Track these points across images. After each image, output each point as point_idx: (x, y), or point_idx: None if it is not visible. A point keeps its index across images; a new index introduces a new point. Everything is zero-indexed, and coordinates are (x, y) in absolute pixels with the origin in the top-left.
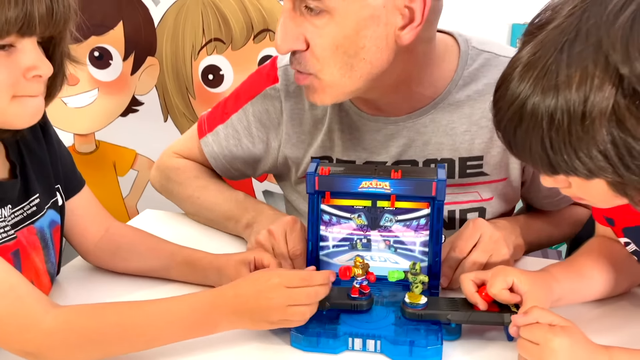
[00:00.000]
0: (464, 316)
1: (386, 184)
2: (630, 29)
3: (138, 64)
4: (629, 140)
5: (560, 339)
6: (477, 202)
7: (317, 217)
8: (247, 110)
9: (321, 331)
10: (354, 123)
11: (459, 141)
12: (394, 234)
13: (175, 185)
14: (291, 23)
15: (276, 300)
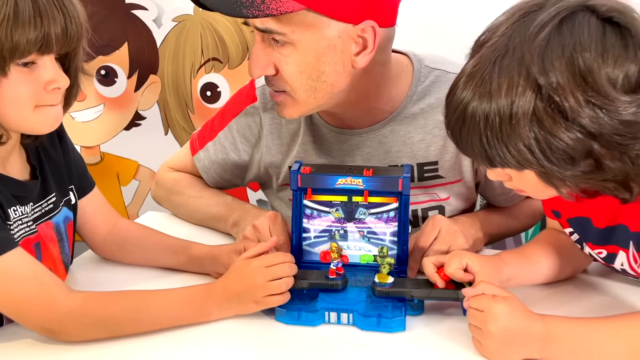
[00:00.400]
0: (425, 293)
1: (359, 181)
2: (545, 47)
3: (141, 81)
4: (547, 137)
5: (501, 306)
6: (435, 201)
7: (300, 211)
8: (232, 127)
9: (302, 307)
10: (323, 135)
11: (416, 149)
12: (367, 225)
13: (172, 194)
14: (261, 53)
15: (258, 278)
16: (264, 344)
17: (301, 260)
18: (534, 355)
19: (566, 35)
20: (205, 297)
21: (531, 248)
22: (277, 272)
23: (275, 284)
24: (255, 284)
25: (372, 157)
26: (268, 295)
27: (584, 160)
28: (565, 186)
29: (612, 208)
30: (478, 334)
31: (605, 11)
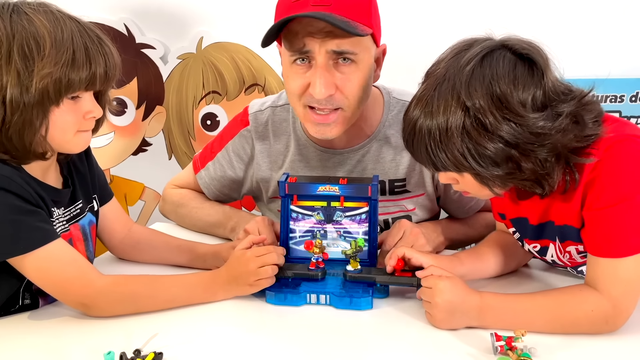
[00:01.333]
0: (386, 278)
1: (336, 188)
2: (470, 77)
3: (148, 111)
4: (475, 146)
5: (444, 282)
6: (403, 212)
7: (288, 215)
8: (228, 148)
9: (288, 291)
10: (310, 154)
11: (387, 167)
12: (343, 226)
13: (178, 207)
14: (327, 74)
15: (250, 265)
16: (257, 321)
17: (288, 256)
18: (473, 323)
19: (486, 67)
20: (212, 280)
21: (482, 248)
22: (266, 259)
23: (263, 269)
24: (249, 270)
25: (351, 173)
26: (258, 279)
27: (506, 164)
28: (496, 185)
29: (542, 207)
30: (428, 307)
31: (518, 48)
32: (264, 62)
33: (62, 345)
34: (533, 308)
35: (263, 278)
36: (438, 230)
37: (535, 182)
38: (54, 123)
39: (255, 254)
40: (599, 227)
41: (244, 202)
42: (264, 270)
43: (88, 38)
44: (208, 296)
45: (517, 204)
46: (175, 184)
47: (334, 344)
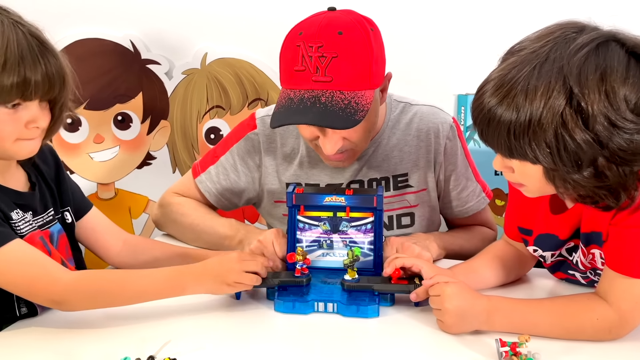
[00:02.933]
0: (383, 286)
1: (342, 199)
2: (583, 62)
3: (153, 126)
4: (567, 138)
5: (451, 288)
6: (407, 208)
7: (295, 225)
8: (233, 151)
9: (296, 299)
10: (317, 156)
11: (392, 164)
12: (349, 236)
13: (178, 216)
14: (335, 135)
15: (234, 266)
16: (267, 329)
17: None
18: (482, 327)
19: (601, 56)
20: (182, 273)
21: (477, 261)
22: (251, 266)
23: (247, 275)
24: (230, 269)
25: (357, 173)
26: (238, 282)
27: (588, 167)
28: (564, 187)
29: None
30: (438, 314)
31: (631, 45)
32: (267, 77)
33: (74, 353)
34: (540, 311)
35: (243, 283)
36: (430, 238)
37: (613, 192)
38: None
39: (242, 257)
40: (623, 244)
41: (246, 215)
42: (248, 277)
43: (26, 43)
44: (177, 289)
45: (548, 219)
46: (176, 191)
47: (342, 351)
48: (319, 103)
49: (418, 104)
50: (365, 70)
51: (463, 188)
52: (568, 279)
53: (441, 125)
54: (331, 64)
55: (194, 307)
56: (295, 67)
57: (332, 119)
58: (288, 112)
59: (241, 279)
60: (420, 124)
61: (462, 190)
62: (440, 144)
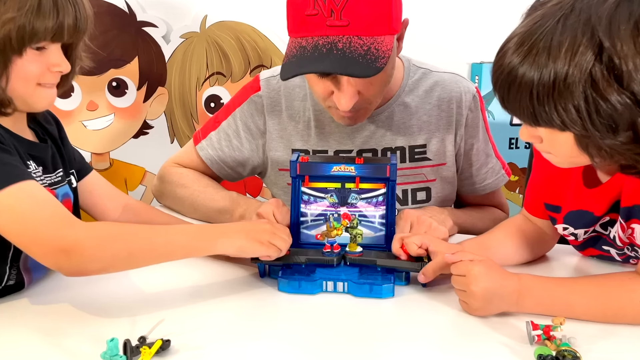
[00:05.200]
0: (388, 262)
1: (352, 168)
2: (614, 10)
3: (150, 93)
4: (598, 99)
5: (479, 268)
6: (423, 182)
7: (299, 197)
8: (236, 116)
9: (302, 277)
10: (325, 120)
11: (408, 133)
12: (358, 209)
13: (178, 188)
14: (351, 87)
15: (267, 227)
16: (270, 309)
17: (299, 241)
18: (511, 309)
19: (635, 3)
20: (213, 228)
21: (492, 237)
22: (283, 233)
23: (279, 238)
24: (264, 229)
25: (369, 140)
26: (271, 243)
27: (626, 131)
28: (600, 155)
29: (614, 193)
30: (463, 296)
31: None
32: (271, 42)
33: (60, 332)
34: (576, 291)
35: (276, 245)
36: (444, 212)
37: None
38: (15, 74)
39: (273, 226)
40: None
41: (248, 188)
42: (281, 240)
43: None
44: (207, 245)
45: (582, 194)
46: (176, 161)
47: (354, 334)
48: (336, 49)
49: (439, 71)
50: (384, 13)
51: (482, 164)
52: (601, 256)
53: (464, 94)
54: (347, 5)
55: (190, 284)
56: (306, 12)
57: (351, 66)
58: (301, 61)
59: (276, 240)
60: (442, 93)
61: (481, 166)
62: (462, 115)
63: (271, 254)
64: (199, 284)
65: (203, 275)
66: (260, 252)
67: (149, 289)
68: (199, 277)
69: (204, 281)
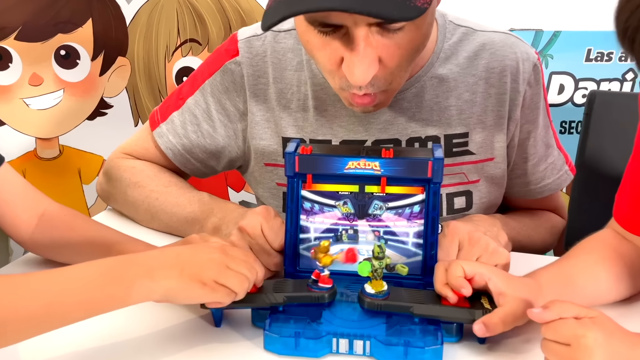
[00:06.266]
0: (428, 310)
1: (376, 164)
2: None
3: (107, 64)
4: None
5: (593, 334)
6: (463, 184)
7: (297, 205)
8: (205, 90)
9: (300, 331)
10: (329, 98)
11: (444, 117)
12: (384, 223)
13: (129, 188)
14: (371, 49)
15: (216, 256)
16: None
17: (297, 268)
18: None
19: None
20: (133, 263)
21: (575, 265)
22: (240, 265)
23: (234, 275)
24: (211, 259)
25: (390, 126)
26: (221, 283)
27: None
28: None
29: None
30: None
31: None
32: (256, 3)
33: None
34: None
35: (228, 287)
36: (496, 224)
37: None
38: None
39: (227, 248)
40: None
41: (230, 180)
42: (238, 277)
43: None
44: (117, 290)
45: None
46: (127, 151)
47: None
48: None
49: (486, 30)
50: None
51: (541, 158)
52: None
53: (522, 62)
54: None
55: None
56: None
57: (376, 3)
58: None
59: (227, 278)
60: (491, 61)
61: (539, 161)
62: (519, 92)
63: (219, 299)
64: (153, 339)
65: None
66: (201, 299)
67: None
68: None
69: (160, 335)
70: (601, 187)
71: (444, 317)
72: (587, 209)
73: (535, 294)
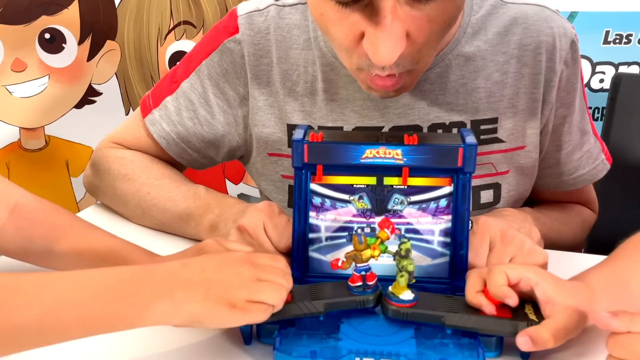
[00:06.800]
0: (464, 320)
1: (398, 152)
2: None
3: (96, 48)
4: None
5: None
6: (491, 176)
7: (306, 201)
8: (201, 72)
9: (316, 350)
10: (340, 79)
11: (471, 100)
12: (406, 220)
13: (118, 180)
14: (398, 24)
15: (245, 270)
16: None
17: (307, 274)
18: None
19: None
20: (144, 276)
21: (628, 266)
22: (271, 272)
23: (267, 286)
24: (242, 274)
25: (410, 111)
26: (253, 300)
27: None
28: None
29: None
30: None
31: None
32: None
33: None
34: None
35: (261, 302)
36: (528, 219)
37: None
38: None
39: (254, 258)
40: None
41: (227, 172)
42: (271, 290)
43: None
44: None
45: None
46: (116, 140)
47: None
48: None
49: (517, 1)
50: None
51: (576, 147)
52: None
53: (558, 38)
54: None
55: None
56: None
57: None
58: None
59: (260, 293)
60: (524, 36)
61: (574, 149)
62: (555, 71)
63: (254, 319)
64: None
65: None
66: (230, 322)
67: None
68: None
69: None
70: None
71: (483, 329)
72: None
73: (588, 301)
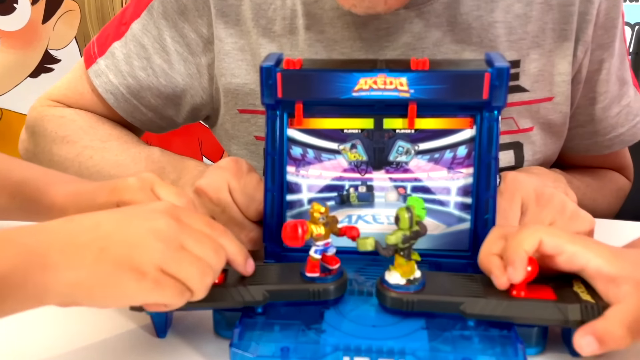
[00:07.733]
0: (491, 306)
1: (402, 81)
2: None
3: (52, 9)
4: None
5: None
6: (511, 133)
7: (281, 152)
8: (155, 10)
9: (290, 346)
10: (326, 14)
11: (487, 38)
12: (413, 175)
13: (54, 144)
14: None
15: (162, 225)
16: None
17: (283, 246)
18: None
19: None
20: (5, 241)
21: None
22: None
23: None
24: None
25: (412, 51)
26: (169, 273)
27: None
28: None
29: None
30: None
31: None
32: None
33: None
34: None
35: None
36: (562, 180)
37: None
38: None
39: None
40: None
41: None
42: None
43: None
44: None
45: None
46: (54, 97)
47: None
48: None
49: None
50: None
51: (614, 100)
52: None
53: None
54: None
55: None
56: None
57: None
58: None
59: (179, 265)
60: None
61: (611, 103)
62: (593, 3)
63: (166, 298)
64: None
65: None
66: (133, 297)
67: None
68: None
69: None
70: None
71: (518, 317)
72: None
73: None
